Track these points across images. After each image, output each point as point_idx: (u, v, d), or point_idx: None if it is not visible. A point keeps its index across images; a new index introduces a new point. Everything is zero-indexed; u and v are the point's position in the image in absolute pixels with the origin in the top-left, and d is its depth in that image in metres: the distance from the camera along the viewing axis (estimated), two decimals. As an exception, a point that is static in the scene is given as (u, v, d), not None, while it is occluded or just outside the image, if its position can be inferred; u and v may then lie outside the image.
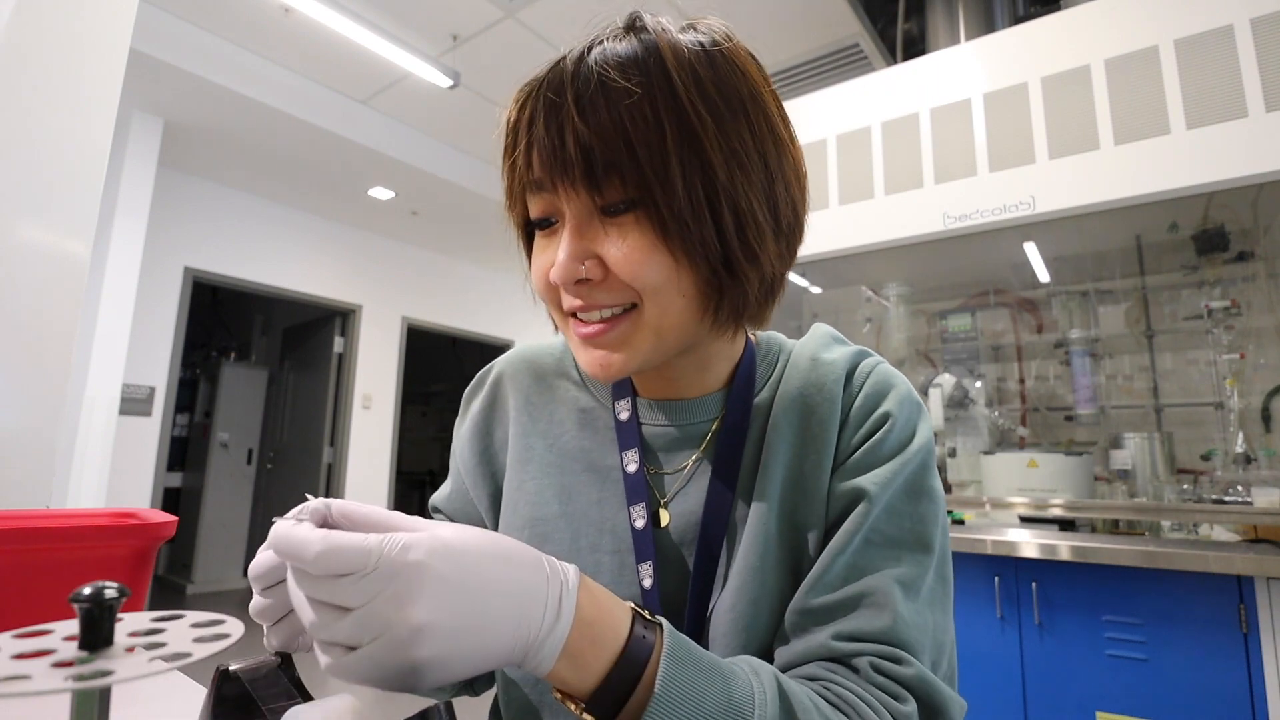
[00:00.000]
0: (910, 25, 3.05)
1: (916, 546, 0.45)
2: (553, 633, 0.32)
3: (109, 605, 0.24)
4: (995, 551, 1.58)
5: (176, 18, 3.09)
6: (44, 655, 0.23)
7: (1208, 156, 1.58)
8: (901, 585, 0.43)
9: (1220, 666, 1.34)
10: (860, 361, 0.52)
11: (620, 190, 0.41)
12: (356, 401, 4.91)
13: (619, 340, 0.44)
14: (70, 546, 0.62)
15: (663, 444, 0.52)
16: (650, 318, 0.43)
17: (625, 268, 0.42)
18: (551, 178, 0.42)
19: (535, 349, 0.62)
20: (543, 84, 0.43)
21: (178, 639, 0.25)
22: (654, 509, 0.50)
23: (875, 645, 0.41)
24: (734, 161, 0.42)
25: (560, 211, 0.44)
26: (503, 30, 3.15)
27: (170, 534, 0.69)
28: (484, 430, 0.60)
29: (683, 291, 0.43)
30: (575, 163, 0.40)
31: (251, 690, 0.34)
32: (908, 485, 0.46)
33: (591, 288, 0.43)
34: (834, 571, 0.43)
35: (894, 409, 0.48)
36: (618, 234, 0.42)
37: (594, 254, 0.42)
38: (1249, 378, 1.99)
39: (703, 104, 0.41)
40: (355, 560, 0.29)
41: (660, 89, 0.41)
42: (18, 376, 1.06)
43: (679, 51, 0.42)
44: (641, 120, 0.40)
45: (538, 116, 0.42)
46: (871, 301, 2.62)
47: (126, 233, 3.44)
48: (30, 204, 1.10)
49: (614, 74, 0.41)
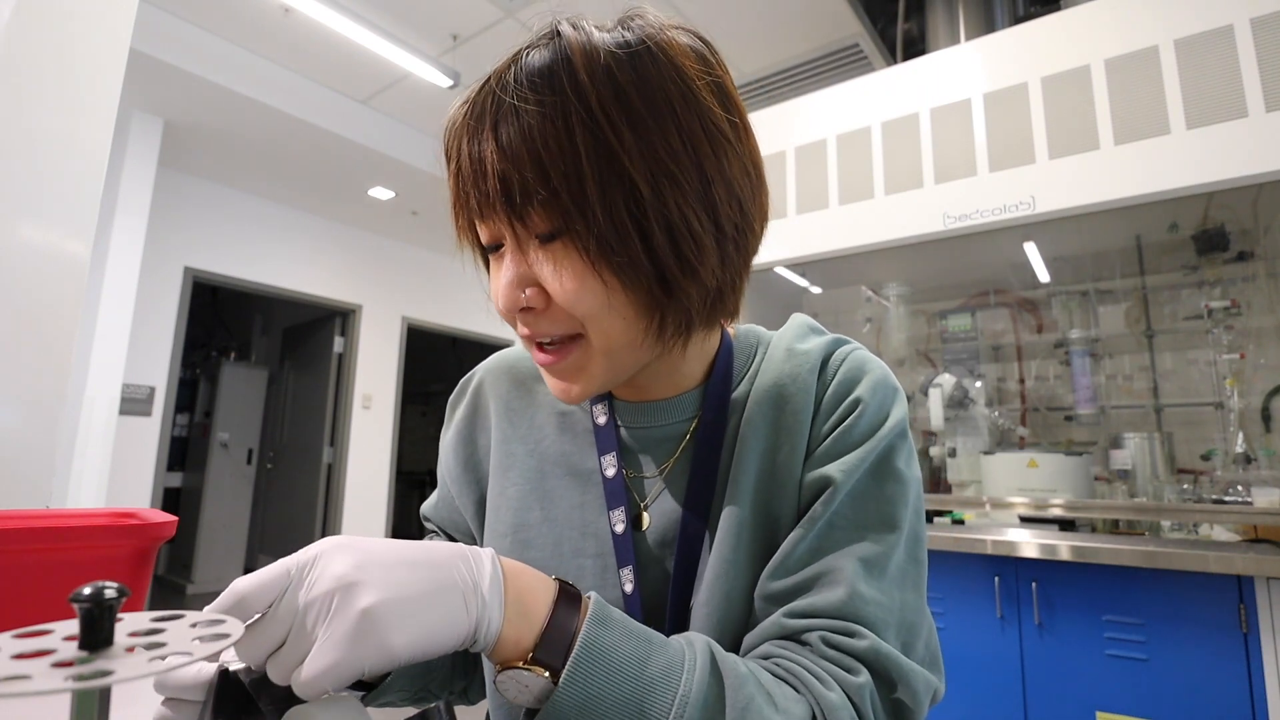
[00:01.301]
0: (910, 25, 3.05)
1: (881, 526, 0.43)
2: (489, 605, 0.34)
3: (109, 605, 0.24)
4: (995, 551, 1.58)
5: (176, 18, 3.09)
6: (44, 655, 0.23)
7: (1208, 156, 1.58)
8: (863, 562, 0.42)
9: (1220, 666, 1.34)
10: (835, 349, 0.50)
11: (544, 218, 0.39)
12: (356, 401, 4.91)
13: (573, 369, 0.44)
14: (70, 546, 0.62)
15: (641, 446, 0.52)
16: (597, 344, 0.42)
17: (562, 297, 0.40)
18: (479, 208, 0.41)
19: (515, 354, 0.61)
20: (470, 107, 0.41)
21: (178, 639, 0.25)
22: (634, 513, 0.50)
23: (827, 620, 0.40)
24: (660, 173, 0.39)
25: (502, 238, 0.42)
26: (503, 30, 3.15)
27: (170, 534, 0.69)
28: (467, 438, 0.59)
29: (622, 315, 0.41)
30: (496, 194, 0.39)
31: (251, 690, 0.34)
32: (874, 468, 0.45)
33: (536, 316, 0.42)
34: (795, 556, 0.43)
35: (865, 394, 0.47)
36: (551, 262, 0.41)
37: (534, 281, 0.41)
38: (1249, 378, 1.99)
39: (620, 114, 0.38)
40: (278, 581, 0.32)
41: (573, 104, 0.38)
42: (18, 376, 1.06)
43: (593, 57, 0.39)
44: (554, 142, 0.38)
45: (463, 143, 0.41)
46: (871, 301, 2.62)
47: (126, 233, 3.44)
48: (30, 204, 1.09)
49: (526, 92, 0.38)
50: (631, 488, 0.51)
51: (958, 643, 1.62)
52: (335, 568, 0.31)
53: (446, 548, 0.36)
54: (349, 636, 0.30)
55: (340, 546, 0.33)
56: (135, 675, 0.21)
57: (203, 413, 5.24)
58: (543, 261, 0.41)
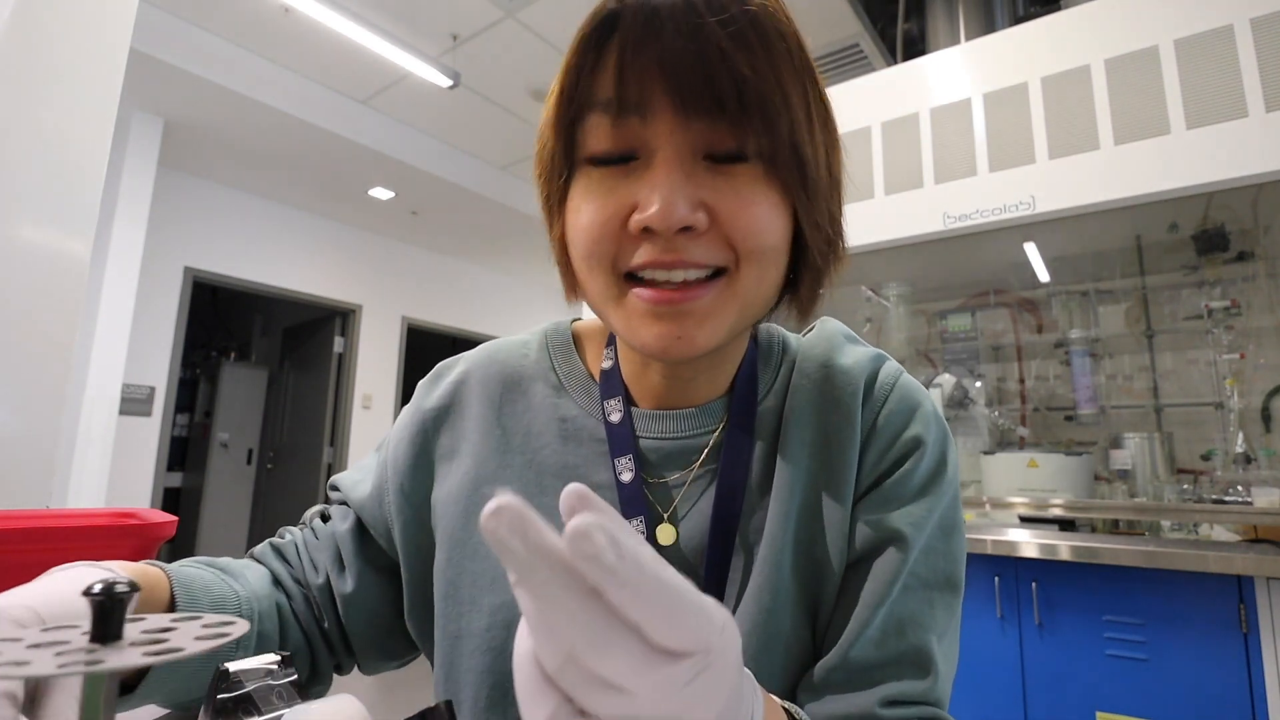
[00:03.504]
0: (910, 25, 3.05)
1: (948, 588, 0.43)
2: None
3: (120, 599, 0.24)
4: (995, 551, 1.58)
5: (176, 18, 3.09)
6: (57, 645, 0.23)
7: (1208, 156, 1.58)
8: (939, 638, 0.41)
9: (1220, 666, 1.34)
10: (878, 370, 0.47)
11: (758, 135, 0.36)
12: (356, 401, 4.91)
13: (704, 311, 0.37)
14: (70, 546, 0.62)
15: (658, 457, 0.46)
16: (744, 287, 0.38)
17: (741, 222, 0.36)
18: (677, 101, 0.35)
19: (505, 349, 0.54)
20: (644, 3, 0.35)
21: (184, 637, 0.25)
22: (653, 525, 0.44)
23: (919, 707, 0.39)
24: (831, 144, 0.40)
25: (647, 146, 0.37)
26: (503, 30, 3.15)
27: (170, 534, 0.69)
28: (431, 430, 0.52)
29: (780, 264, 0.39)
30: (725, 92, 0.34)
31: (251, 690, 0.34)
32: (942, 522, 0.43)
33: (689, 240, 0.36)
34: (875, 625, 0.40)
35: (923, 433, 0.44)
36: (729, 184, 0.36)
37: (701, 201, 0.36)
38: (1249, 378, 1.99)
39: (811, 75, 0.39)
40: (700, 638, 0.20)
41: (787, 46, 0.37)
42: (18, 376, 1.06)
43: (789, 15, 0.38)
44: (789, 69, 0.36)
45: (659, 31, 0.34)
46: (871, 301, 2.62)
47: (126, 233, 3.44)
48: (30, 204, 1.09)
49: (757, 10, 0.36)
50: (652, 497, 0.45)
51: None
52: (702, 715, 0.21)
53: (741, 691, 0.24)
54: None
55: (729, 682, 0.21)
56: (126, 665, 0.22)
57: (203, 413, 5.24)
58: (715, 180, 0.36)
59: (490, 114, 3.82)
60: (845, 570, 0.43)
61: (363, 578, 0.51)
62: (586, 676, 0.19)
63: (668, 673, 0.19)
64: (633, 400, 0.48)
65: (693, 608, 0.20)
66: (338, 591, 0.51)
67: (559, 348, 0.53)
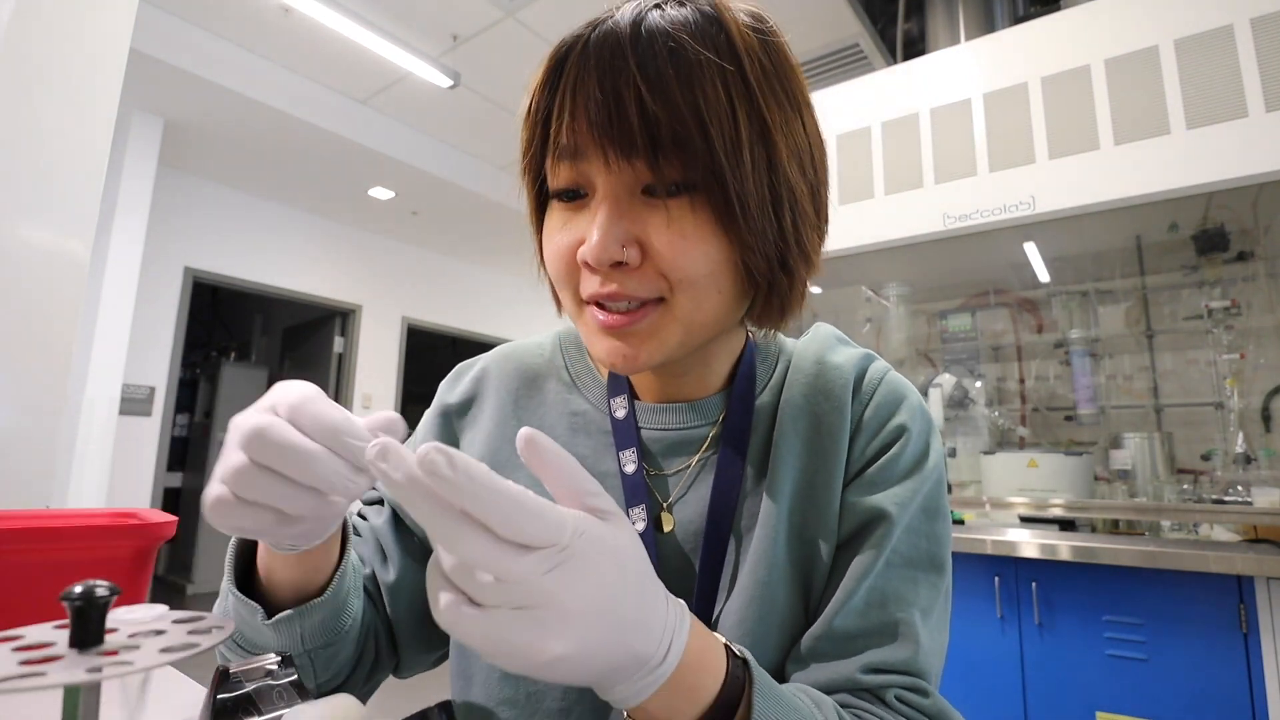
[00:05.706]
0: (910, 25, 3.05)
1: (931, 568, 0.45)
2: (660, 666, 0.30)
3: (99, 604, 0.24)
4: (995, 551, 1.58)
5: (176, 18, 3.09)
6: (44, 648, 0.23)
7: (1208, 156, 1.58)
8: (922, 613, 0.43)
9: (1220, 666, 1.34)
10: (867, 367, 0.50)
11: (679, 170, 0.37)
12: (356, 401, 4.91)
13: (646, 333, 0.41)
14: (70, 546, 0.62)
15: (661, 448, 0.50)
16: (681, 312, 0.40)
17: (668, 254, 0.38)
18: (601, 146, 0.37)
19: (522, 348, 0.59)
20: (586, 44, 0.38)
21: (176, 638, 0.25)
22: (655, 513, 0.48)
23: (900, 676, 0.41)
24: (793, 157, 0.40)
25: (591, 184, 0.40)
26: (503, 30, 3.15)
27: (170, 534, 0.69)
28: (456, 421, 0.56)
29: (720, 287, 0.40)
30: (637, 134, 0.36)
31: (251, 690, 0.34)
32: (925, 504, 0.45)
33: (625, 274, 0.39)
34: (859, 596, 0.42)
35: (908, 421, 0.47)
36: (662, 218, 0.38)
37: (634, 237, 0.38)
38: (1249, 378, 1.99)
39: (769, 88, 0.39)
40: (547, 534, 0.25)
41: (729, 64, 0.38)
42: (18, 376, 1.06)
43: (745, 32, 0.39)
44: (714, 97, 0.37)
45: (588, 78, 0.37)
46: (871, 301, 2.62)
47: (126, 232, 3.44)
48: (30, 204, 1.10)
49: (683, 37, 0.37)
50: (652, 486, 0.49)
51: (958, 642, 1.62)
52: (569, 596, 0.26)
53: (659, 612, 0.31)
54: (509, 647, 0.26)
55: (597, 573, 0.27)
56: (75, 680, 0.21)
57: (203, 413, 5.24)
58: (648, 215, 0.39)
59: (490, 114, 3.82)
60: (835, 551, 0.45)
61: (403, 566, 0.53)
62: (466, 571, 0.25)
63: (524, 562, 0.25)
64: (636, 394, 0.52)
65: (531, 509, 0.25)
66: (382, 582, 0.53)
67: (571, 347, 0.57)
